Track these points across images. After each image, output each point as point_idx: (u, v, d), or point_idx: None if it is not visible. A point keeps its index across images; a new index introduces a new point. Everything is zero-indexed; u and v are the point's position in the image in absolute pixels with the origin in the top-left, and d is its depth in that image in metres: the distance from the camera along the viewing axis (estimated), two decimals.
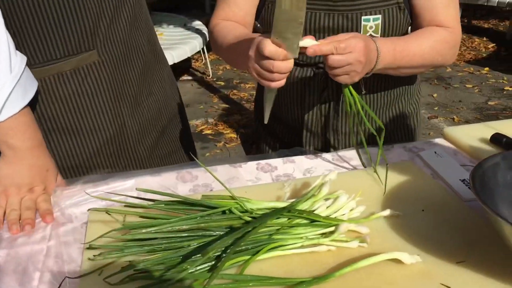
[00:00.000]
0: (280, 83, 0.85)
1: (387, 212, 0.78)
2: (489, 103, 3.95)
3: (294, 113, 1.16)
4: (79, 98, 0.97)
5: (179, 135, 1.23)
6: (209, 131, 3.54)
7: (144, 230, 0.70)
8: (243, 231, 0.68)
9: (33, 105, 0.91)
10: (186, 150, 1.24)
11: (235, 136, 3.49)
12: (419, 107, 1.26)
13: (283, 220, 0.73)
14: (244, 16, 1.09)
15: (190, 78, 4.66)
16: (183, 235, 0.70)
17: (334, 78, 0.88)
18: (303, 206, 0.76)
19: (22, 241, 0.75)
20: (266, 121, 0.94)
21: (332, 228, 0.73)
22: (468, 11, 6.10)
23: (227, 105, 4.06)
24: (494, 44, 5.55)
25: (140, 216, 0.74)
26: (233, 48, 1.00)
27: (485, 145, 1.00)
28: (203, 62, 4.90)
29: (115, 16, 0.98)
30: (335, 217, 0.75)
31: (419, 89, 1.26)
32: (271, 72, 0.82)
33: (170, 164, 1.15)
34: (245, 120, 3.75)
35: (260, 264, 0.68)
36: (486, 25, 6.40)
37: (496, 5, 5.07)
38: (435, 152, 1.00)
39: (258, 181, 0.93)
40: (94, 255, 0.68)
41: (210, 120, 3.72)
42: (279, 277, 0.65)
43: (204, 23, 4.49)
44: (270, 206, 0.76)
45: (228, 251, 0.65)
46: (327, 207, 0.77)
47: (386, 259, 0.67)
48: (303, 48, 0.82)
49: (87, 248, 0.71)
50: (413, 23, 1.07)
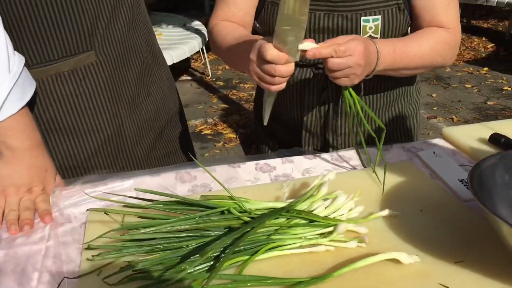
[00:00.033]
0: (281, 87, 0.85)
1: (386, 212, 0.78)
2: (488, 103, 3.95)
3: (294, 114, 1.16)
4: (77, 99, 0.97)
5: (178, 136, 1.23)
6: (208, 131, 3.54)
7: (143, 231, 0.70)
8: (242, 231, 0.68)
9: (32, 106, 0.91)
10: (185, 151, 1.24)
11: (234, 136, 3.49)
12: (419, 108, 1.26)
13: (282, 220, 0.74)
14: (243, 17, 1.09)
15: (189, 78, 4.66)
16: (182, 235, 0.70)
17: (334, 81, 0.88)
18: (302, 206, 0.76)
19: (21, 241, 0.75)
20: (266, 123, 0.94)
21: (331, 228, 0.73)
22: (467, 11, 6.10)
23: (226, 105, 4.06)
24: (493, 44, 5.55)
25: (139, 217, 0.75)
26: (233, 50, 1.00)
27: (484, 145, 1.00)
28: (202, 62, 4.90)
29: (113, 17, 0.98)
30: (334, 217, 0.75)
31: (419, 89, 1.26)
32: (273, 76, 0.82)
33: (168, 165, 1.15)
34: (244, 120, 3.75)
35: (259, 264, 0.68)
36: (485, 25, 6.40)
37: (495, 5, 5.08)
38: (434, 152, 1.00)
39: (257, 181, 0.93)
40: (93, 255, 0.68)
41: (209, 120, 3.72)
42: (278, 277, 0.65)
43: (204, 23, 4.49)
44: (269, 206, 0.76)
45: (227, 251, 0.65)
46: (326, 207, 0.77)
47: (385, 259, 0.67)
48: (303, 51, 0.82)
49: (86, 249, 0.71)
50: (413, 24, 1.07)
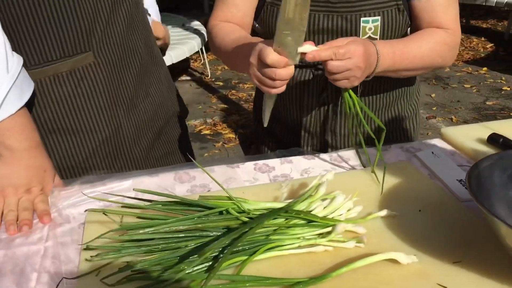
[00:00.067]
0: (281, 90, 0.85)
1: (384, 212, 0.79)
2: (487, 103, 3.95)
3: (293, 114, 1.16)
4: (75, 100, 0.97)
5: (176, 136, 1.23)
6: (208, 131, 3.54)
7: (142, 231, 0.70)
8: (240, 232, 0.68)
9: (30, 106, 0.91)
10: (183, 151, 1.24)
11: (234, 136, 3.49)
12: (418, 108, 1.26)
13: (281, 221, 0.74)
14: (243, 17, 1.09)
15: (189, 79, 4.66)
16: (181, 236, 0.70)
17: (334, 83, 0.89)
18: (300, 207, 0.76)
19: (20, 242, 0.75)
20: (266, 125, 0.94)
21: (329, 229, 0.73)
22: (466, 11, 6.10)
23: (226, 106, 4.06)
24: (493, 44, 5.56)
25: (138, 217, 0.75)
26: (232, 52, 1.00)
27: (482, 145, 1.00)
28: (202, 62, 4.90)
29: (111, 18, 0.98)
30: (332, 218, 0.75)
31: (418, 90, 1.26)
32: (273, 80, 0.83)
33: (167, 165, 1.15)
34: (244, 120, 3.75)
35: (257, 265, 0.68)
36: (485, 25, 6.41)
37: (495, 5, 5.08)
38: (432, 152, 1.00)
39: (256, 182, 0.93)
40: (92, 256, 0.68)
41: (209, 121, 3.72)
42: (276, 278, 0.65)
43: (203, 23, 4.49)
44: (267, 207, 0.77)
45: (226, 252, 0.65)
46: (324, 208, 0.77)
47: (383, 259, 0.68)
48: (302, 54, 0.82)
49: (85, 249, 0.71)
50: (412, 25, 1.06)
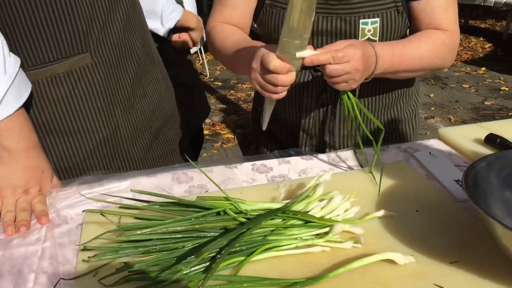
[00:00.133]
0: (282, 95, 0.86)
1: (381, 213, 0.79)
2: (486, 103, 3.96)
3: (292, 115, 1.16)
4: (73, 101, 0.97)
5: (175, 137, 1.23)
6: (207, 132, 3.54)
7: (139, 232, 0.70)
8: (238, 232, 0.68)
9: (27, 107, 0.91)
10: (182, 152, 1.24)
11: (232, 137, 3.50)
12: (418, 109, 1.26)
13: (278, 221, 0.74)
14: (241, 19, 1.09)
15: None
16: (178, 236, 0.71)
17: (333, 86, 0.89)
18: (298, 207, 0.76)
19: (17, 243, 0.75)
20: (264, 128, 0.95)
21: (327, 229, 0.73)
22: (465, 11, 6.11)
23: (225, 106, 4.06)
24: (491, 44, 5.57)
25: (135, 218, 0.75)
26: (233, 55, 1.00)
27: (480, 146, 1.00)
28: (201, 63, 4.90)
29: (108, 19, 0.98)
30: (330, 218, 0.76)
31: (418, 91, 1.26)
32: (275, 86, 0.83)
33: (165, 166, 1.15)
34: (242, 121, 3.75)
35: (255, 265, 0.68)
36: (483, 25, 6.42)
37: (493, 5, 5.09)
38: (430, 153, 1.00)
39: (254, 182, 0.93)
40: (89, 257, 0.68)
41: (208, 121, 3.72)
42: (274, 278, 0.65)
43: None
44: (265, 207, 0.77)
45: (223, 252, 0.65)
46: (322, 208, 0.77)
47: (380, 260, 0.68)
48: (301, 58, 0.83)
49: (82, 250, 0.71)
50: (412, 26, 1.06)
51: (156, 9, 1.69)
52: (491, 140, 0.99)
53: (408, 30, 1.09)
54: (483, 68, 4.77)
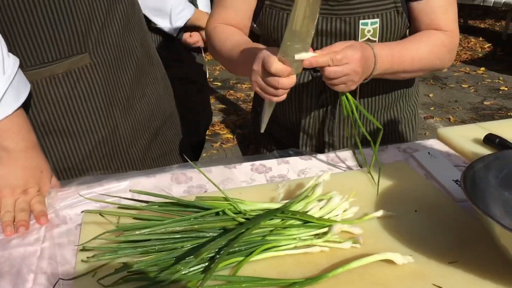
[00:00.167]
0: (282, 98, 0.86)
1: (380, 213, 0.79)
2: (485, 103, 3.96)
3: (292, 116, 1.16)
4: (71, 101, 0.97)
5: (173, 137, 1.23)
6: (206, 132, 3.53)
7: (138, 232, 0.70)
8: (237, 232, 0.68)
9: (26, 108, 0.91)
10: (181, 152, 1.24)
11: (232, 137, 3.49)
12: (417, 109, 1.26)
13: (277, 221, 0.74)
14: (241, 20, 1.08)
15: None
16: (177, 237, 0.71)
17: (331, 87, 0.89)
18: (297, 207, 0.76)
19: (16, 243, 0.75)
20: (262, 131, 0.94)
21: (326, 229, 0.73)
22: (464, 11, 6.12)
23: (224, 106, 4.06)
24: (490, 44, 5.57)
25: (134, 218, 0.75)
26: (233, 57, 1.00)
27: (478, 146, 1.00)
28: None
29: (107, 19, 0.98)
30: (329, 218, 0.76)
31: (417, 91, 1.25)
32: (276, 88, 0.83)
33: (164, 166, 1.15)
34: (242, 121, 3.75)
35: (254, 265, 0.68)
36: (482, 25, 6.42)
37: (492, 5, 5.09)
38: (429, 153, 1.00)
39: (253, 182, 0.93)
40: (88, 257, 0.68)
41: None
42: (273, 278, 0.65)
43: None
44: (264, 207, 0.77)
45: (222, 253, 0.65)
46: (321, 208, 0.77)
47: (379, 260, 0.68)
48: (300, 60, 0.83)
49: (81, 250, 0.71)
50: (411, 27, 1.06)
51: (165, 8, 1.70)
52: (490, 140, 0.99)
53: (408, 31, 1.09)
54: (483, 68, 4.78)
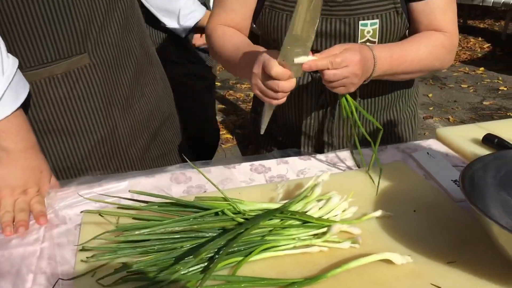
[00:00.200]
0: (282, 101, 0.86)
1: (379, 213, 0.79)
2: (484, 103, 3.97)
3: (292, 116, 1.17)
4: (71, 101, 0.97)
5: (173, 137, 1.23)
6: None
7: (137, 232, 0.71)
8: (236, 233, 0.68)
9: (25, 108, 0.91)
10: (180, 152, 1.25)
11: (231, 137, 3.50)
12: (417, 110, 1.26)
13: (276, 221, 0.74)
14: (241, 21, 1.08)
15: None
16: (176, 237, 0.71)
17: (331, 90, 0.89)
18: (296, 207, 0.77)
19: (16, 243, 0.75)
20: (262, 133, 0.94)
21: (325, 229, 0.73)
22: (464, 11, 6.12)
23: (223, 106, 4.06)
24: (490, 44, 5.58)
25: (133, 218, 0.75)
26: (233, 58, 1.00)
27: (477, 146, 1.01)
28: None
29: (107, 20, 0.98)
30: (328, 218, 0.76)
31: (417, 92, 1.25)
32: (276, 92, 0.84)
33: (163, 166, 1.15)
34: (241, 121, 3.75)
35: (253, 265, 0.68)
36: (482, 25, 6.43)
37: (492, 5, 5.10)
38: (428, 153, 1.01)
39: (252, 182, 0.93)
40: (87, 257, 0.68)
41: None
42: (272, 278, 0.65)
43: None
44: (263, 208, 0.77)
45: (221, 253, 0.65)
46: (320, 208, 0.77)
47: (378, 260, 0.68)
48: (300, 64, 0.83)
49: (81, 250, 0.71)
50: (411, 27, 1.06)
51: (173, 8, 1.71)
52: (489, 140, 0.99)
53: (407, 31, 1.09)
54: (482, 68, 4.78)
